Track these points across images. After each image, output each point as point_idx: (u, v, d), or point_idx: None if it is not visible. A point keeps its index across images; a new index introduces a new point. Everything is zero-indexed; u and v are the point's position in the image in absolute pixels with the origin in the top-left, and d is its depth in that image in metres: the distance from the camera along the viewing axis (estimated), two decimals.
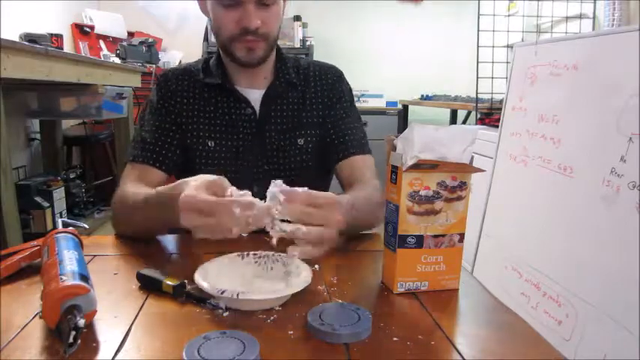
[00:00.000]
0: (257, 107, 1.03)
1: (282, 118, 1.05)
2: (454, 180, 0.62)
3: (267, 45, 0.97)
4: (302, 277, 0.62)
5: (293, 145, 1.05)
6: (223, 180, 0.66)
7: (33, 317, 0.54)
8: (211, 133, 1.03)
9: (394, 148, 0.63)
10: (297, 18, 3.68)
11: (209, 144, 1.02)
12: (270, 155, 1.04)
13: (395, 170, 0.62)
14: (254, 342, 0.47)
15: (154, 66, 3.21)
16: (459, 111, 3.56)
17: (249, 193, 0.63)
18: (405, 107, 3.93)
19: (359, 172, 1.00)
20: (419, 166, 0.60)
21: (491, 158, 0.97)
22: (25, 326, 0.53)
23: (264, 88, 1.04)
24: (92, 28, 3.36)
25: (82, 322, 0.48)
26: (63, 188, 2.38)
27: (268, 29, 0.95)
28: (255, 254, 0.69)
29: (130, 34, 3.58)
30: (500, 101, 2.43)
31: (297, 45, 3.72)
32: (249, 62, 0.97)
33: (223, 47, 0.98)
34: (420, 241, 0.63)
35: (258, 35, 0.93)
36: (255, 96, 1.04)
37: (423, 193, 0.62)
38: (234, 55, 0.97)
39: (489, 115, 2.55)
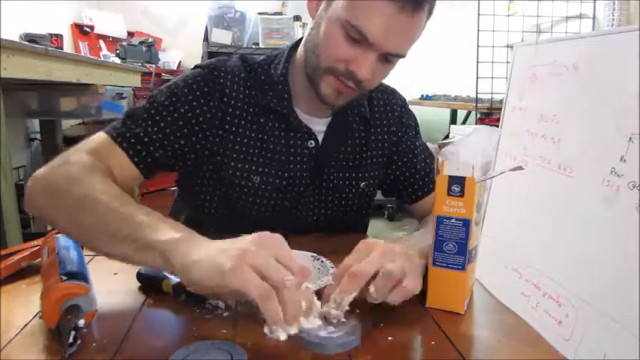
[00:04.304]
0: (320, 140, 0.86)
1: (346, 154, 0.89)
2: None
3: (358, 95, 0.81)
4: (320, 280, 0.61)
5: (354, 188, 0.90)
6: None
7: (33, 317, 0.54)
8: (258, 167, 0.83)
9: (445, 156, 0.56)
10: (297, 18, 3.68)
11: (254, 179, 0.83)
12: (325, 200, 0.89)
13: (460, 182, 0.55)
14: (241, 352, 0.47)
15: (153, 66, 3.21)
16: (458, 111, 3.56)
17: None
18: None
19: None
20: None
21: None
22: (25, 326, 0.53)
23: (328, 117, 0.87)
24: (92, 28, 3.36)
25: (82, 322, 0.48)
26: None
27: (372, 84, 0.79)
28: (313, 255, 0.68)
29: (130, 34, 3.57)
30: (500, 101, 2.43)
31: None
32: (329, 103, 0.80)
33: (311, 68, 0.79)
34: (477, 250, 0.61)
35: (358, 85, 0.75)
36: (319, 127, 0.86)
37: (480, 200, 0.59)
38: (316, 86, 0.78)
39: (489, 115, 2.55)
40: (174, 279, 0.62)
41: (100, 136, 0.77)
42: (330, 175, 0.88)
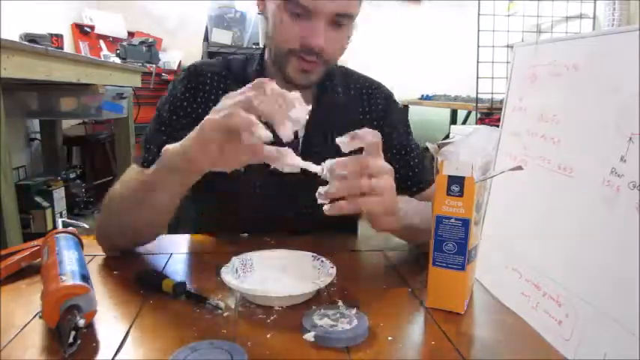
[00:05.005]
0: (301, 132, 0.88)
1: (325, 147, 0.89)
2: None
3: (324, 69, 0.84)
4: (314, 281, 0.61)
5: None
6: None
7: (33, 317, 0.54)
8: None
9: (444, 156, 0.57)
10: None
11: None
12: (312, 192, 0.92)
13: (459, 181, 0.55)
14: (241, 352, 0.47)
15: (154, 66, 3.21)
16: (459, 111, 3.56)
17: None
18: (406, 107, 3.93)
19: None
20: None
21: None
22: (25, 326, 0.53)
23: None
24: (92, 28, 3.36)
25: (82, 322, 0.48)
26: (63, 188, 2.38)
27: (332, 53, 0.82)
28: (313, 255, 0.68)
29: (130, 34, 3.57)
30: (501, 101, 2.43)
31: None
32: (300, 84, 0.84)
33: (275, 58, 0.85)
34: (477, 250, 0.61)
35: (318, 57, 0.79)
36: None
37: (480, 200, 0.59)
38: (284, 71, 0.83)
39: (489, 115, 2.56)
40: (175, 279, 0.62)
41: (131, 168, 0.85)
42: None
